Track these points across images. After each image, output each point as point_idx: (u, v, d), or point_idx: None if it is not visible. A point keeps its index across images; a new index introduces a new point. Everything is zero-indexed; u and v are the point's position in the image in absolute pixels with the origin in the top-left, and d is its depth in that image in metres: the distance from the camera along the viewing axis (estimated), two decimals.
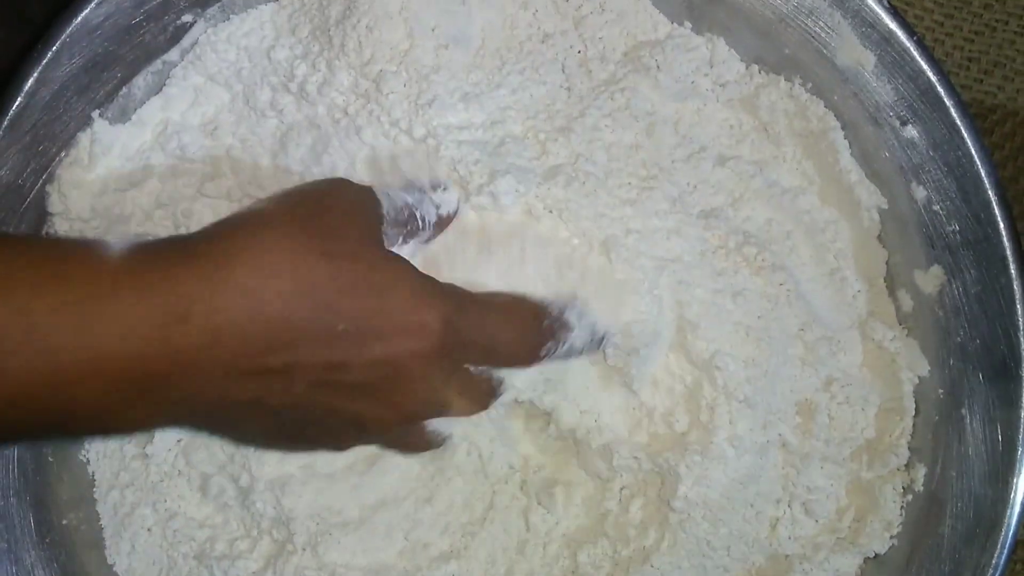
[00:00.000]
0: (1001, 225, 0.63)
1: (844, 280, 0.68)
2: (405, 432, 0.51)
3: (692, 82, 0.68)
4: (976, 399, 0.64)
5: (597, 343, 0.56)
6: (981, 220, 0.64)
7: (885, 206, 0.67)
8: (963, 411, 0.65)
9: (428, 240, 0.55)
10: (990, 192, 0.64)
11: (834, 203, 0.68)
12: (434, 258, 0.57)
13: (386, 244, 0.49)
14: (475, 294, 0.51)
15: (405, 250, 0.52)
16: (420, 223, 0.53)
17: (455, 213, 0.57)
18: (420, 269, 0.49)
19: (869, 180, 0.67)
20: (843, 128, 0.67)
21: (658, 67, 0.67)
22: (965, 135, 0.64)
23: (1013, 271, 0.64)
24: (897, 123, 0.65)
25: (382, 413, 0.47)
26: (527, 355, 0.52)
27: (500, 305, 0.51)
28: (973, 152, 0.64)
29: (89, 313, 0.39)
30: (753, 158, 0.68)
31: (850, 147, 0.67)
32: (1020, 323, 0.64)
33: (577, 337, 0.54)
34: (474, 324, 0.48)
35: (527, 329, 0.51)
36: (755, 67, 0.69)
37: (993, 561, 0.63)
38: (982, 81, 0.73)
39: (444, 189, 0.57)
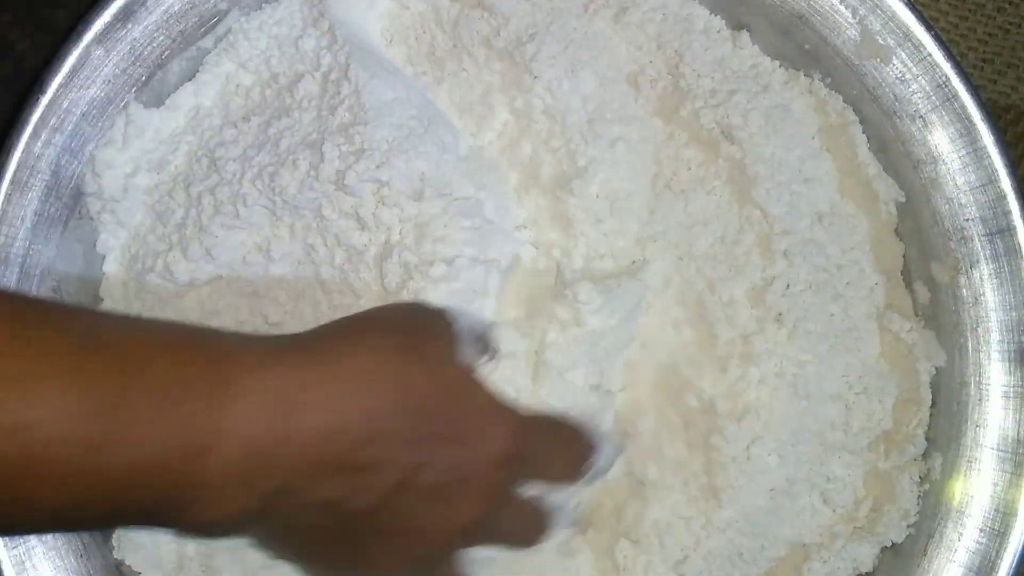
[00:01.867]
0: (1017, 216, 0.64)
1: (862, 272, 0.69)
2: (447, 557, 0.52)
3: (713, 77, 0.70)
4: (993, 389, 0.65)
5: (609, 466, 0.58)
6: (997, 212, 0.65)
7: (903, 199, 0.68)
8: (980, 400, 0.65)
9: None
10: (1006, 184, 0.64)
11: (852, 197, 0.69)
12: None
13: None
14: (527, 414, 0.54)
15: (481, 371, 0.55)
16: (492, 349, 0.56)
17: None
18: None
19: (887, 174, 0.68)
20: (861, 122, 0.68)
21: (680, 58, 0.69)
22: (981, 128, 0.65)
23: None
24: (915, 117, 0.66)
25: (448, 518, 0.49)
26: (571, 470, 0.55)
27: (549, 423, 0.56)
28: (989, 144, 0.65)
29: (212, 404, 0.42)
30: None
31: (868, 141, 0.68)
32: None
33: (603, 459, 0.56)
34: (531, 438, 0.52)
35: (571, 445, 0.55)
36: (775, 63, 0.70)
37: (1011, 549, 0.63)
38: (996, 82, 0.75)
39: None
